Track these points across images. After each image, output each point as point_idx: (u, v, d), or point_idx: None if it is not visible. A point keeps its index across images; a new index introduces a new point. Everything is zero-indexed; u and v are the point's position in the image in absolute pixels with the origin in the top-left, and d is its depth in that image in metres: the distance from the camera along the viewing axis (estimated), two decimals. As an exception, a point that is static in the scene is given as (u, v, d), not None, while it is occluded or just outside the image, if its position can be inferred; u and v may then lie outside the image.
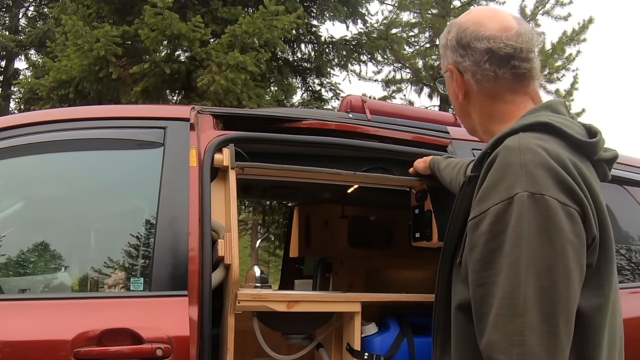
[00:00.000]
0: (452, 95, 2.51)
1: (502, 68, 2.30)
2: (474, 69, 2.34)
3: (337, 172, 3.99)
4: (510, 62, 2.29)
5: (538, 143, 2.03)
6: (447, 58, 2.44)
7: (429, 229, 4.08)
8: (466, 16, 2.44)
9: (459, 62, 2.37)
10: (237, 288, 3.47)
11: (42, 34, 17.72)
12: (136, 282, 3.43)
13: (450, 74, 2.43)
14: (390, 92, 21.23)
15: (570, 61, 20.03)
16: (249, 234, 25.76)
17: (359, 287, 6.14)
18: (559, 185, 1.95)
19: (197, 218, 3.44)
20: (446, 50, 2.44)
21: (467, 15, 2.45)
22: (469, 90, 2.40)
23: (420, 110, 5.69)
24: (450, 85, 2.48)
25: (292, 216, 6.68)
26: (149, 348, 3.11)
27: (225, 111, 4.05)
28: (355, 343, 3.88)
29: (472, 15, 2.43)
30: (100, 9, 12.65)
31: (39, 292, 3.68)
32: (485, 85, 2.35)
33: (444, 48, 2.46)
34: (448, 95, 2.55)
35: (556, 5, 20.27)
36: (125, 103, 11.16)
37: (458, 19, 2.44)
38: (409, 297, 4.02)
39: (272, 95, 13.17)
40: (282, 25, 11.34)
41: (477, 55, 2.31)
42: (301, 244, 6.44)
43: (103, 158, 3.89)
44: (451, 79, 2.44)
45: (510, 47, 2.28)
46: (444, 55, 2.46)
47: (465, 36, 2.34)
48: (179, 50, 12.05)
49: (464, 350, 2.15)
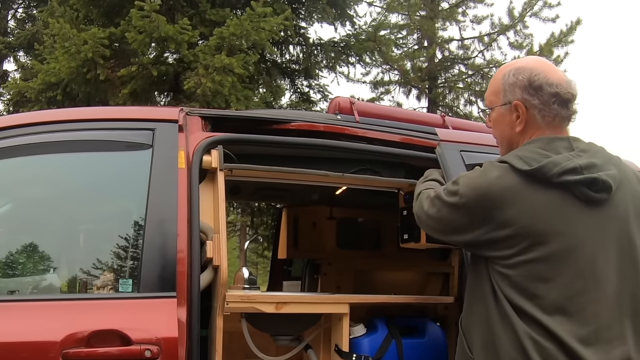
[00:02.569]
0: (505, 124, 3.07)
1: (563, 108, 2.96)
2: (541, 107, 2.93)
3: (325, 173, 4.00)
4: (569, 105, 2.98)
5: (491, 167, 2.92)
6: (515, 94, 2.98)
7: (416, 230, 4.09)
8: (531, 62, 3.04)
9: (528, 99, 2.95)
10: (225, 289, 3.48)
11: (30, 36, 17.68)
12: (125, 284, 3.43)
13: (514, 108, 2.99)
14: (379, 93, 21.27)
15: (558, 63, 20.06)
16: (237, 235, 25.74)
17: (347, 289, 6.14)
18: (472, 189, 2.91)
19: (186, 220, 3.44)
20: (514, 87, 2.98)
21: (531, 61, 3.06)
22: (529, 123, 2.97)
23: (408, 112, 5.71)
24: (508, 117, 3.04)
25: (280, 218, 6.69)
26: (138, 349, 3.11)
27: (214, 113, 4.05)
28: (343, 344, 3.89)
29: (537, 62, 3.04)
30: (88, 11, 12.64)
31: (28, 293, 3.67)
32: (545, 120, 2.96)
33: (511, 86, 2.99)
34: (493, 122, 3.16)
35: (544, 7, 20.35)
36: (113, 105, 11.14)
37: (525, 64, 3.02)
38: (397, 299, 4.04)
39: (261, 97, 13.15)
40: (270, 27, 11.34)
41: (547, 97, 2.93)
42: (289, 246, 6.45)
43: (92, 160, 3.88)
44: (511, 112, 3.01)
45: (570, 94, 2.96)
46: (510, 91, 3.00)
47: (537, 80, 2.93)
48: (166, 53, 12.03)
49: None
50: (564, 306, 2.72)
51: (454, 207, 2.96)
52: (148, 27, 10.80)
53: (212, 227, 3.61)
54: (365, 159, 4.16)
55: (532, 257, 2.74)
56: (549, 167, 2.76)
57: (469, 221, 2.91)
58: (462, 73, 21.31)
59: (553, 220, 2.75)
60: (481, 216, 2.85)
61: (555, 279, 2.73)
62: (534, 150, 2.86)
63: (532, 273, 2.75)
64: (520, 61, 3.10)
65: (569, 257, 2.74)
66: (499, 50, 20.85)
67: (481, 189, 2.86)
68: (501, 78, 3.04)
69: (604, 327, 2.73)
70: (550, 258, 2.73)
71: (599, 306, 2.73)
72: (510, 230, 2.77)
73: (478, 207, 2.86)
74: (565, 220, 2.76)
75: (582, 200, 2.78)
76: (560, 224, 2.75)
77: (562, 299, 2.72)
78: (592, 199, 2.78)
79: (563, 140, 2.92)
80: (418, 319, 4.26)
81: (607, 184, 2.78)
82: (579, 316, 2.71)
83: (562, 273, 2.73)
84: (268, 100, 13.32)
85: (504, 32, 20.63)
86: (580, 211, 2.77)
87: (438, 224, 3.13)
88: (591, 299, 2.73)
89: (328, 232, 6.27)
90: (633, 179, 2.97)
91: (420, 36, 21.52)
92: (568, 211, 2.77)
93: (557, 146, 2.88)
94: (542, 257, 2.74)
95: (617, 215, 2.83)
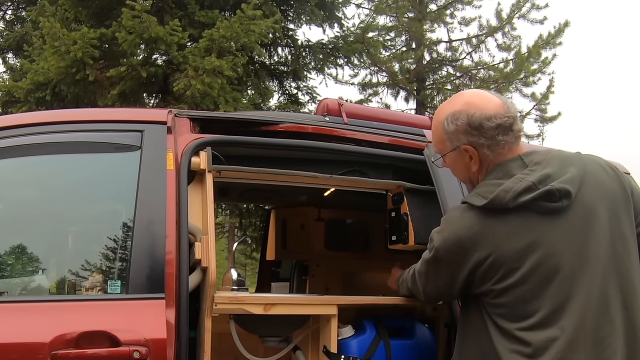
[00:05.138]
0: (461, 167, 3.16)
1: (508, 134, 3.01)
2: (488, 143, 3.00)
3: (313, 175, 4.02)
4: (513, 128, 3.02)
5: (454, 213, 3.07)
6: (459, 140, 3.05)
7: (405, 231, 4.11)
8: (463, 103, 3.07)
9: (473, 140, 3.01)
10: (214, 291, 3.48)
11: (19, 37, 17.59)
12: (113, 285, 3.44)
13: (464, 152, 3.06)
14: (367, 95, 21.34)
15: (546, 64, 20.20)
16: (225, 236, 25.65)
17: (335, 290, 6.15)
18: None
19: (175, 221, 3.45)
20: (457, 134, 3.04)
21: (463, 102, 3.09)
22: (483, 160, 3.05)
23: (396, 113, 5.71)
24: (461, 160, 3.12)
25: (268, 219, 6.68)
26: (127, 350, 3.12)
27: (203, 114, 4.05)
28: (331, 346, 3.89)
29: (468, 100, 3.08)
30: (78, 12, 12.59)
31: (17, 294, 3.68)
32: (496, 152, 3.02)
33: (454, 133, 3.06)
34: (450, 166, 3.26)
35: (532, 9, 20.45)
36: (102, 106, 11.10)
37: (457, 107, 3.06)
38: (386, 300, 4.03)
39: (249, 99, 13.14)
40: (259, 29, 11.33)
41: (490, 132, 2.98)
42: (278, 247, 6.44)
43: (80, 161, 3.88)
44: (462, 155, 3.08)
45: (510, 119, 3.01)
46: (454, 138, 3.07)
47: (475, 119, 2.98)
48: (156, 54, 12.01)
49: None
50: (552, 319, 2.78)
51: (435, 261, 3.09)
52: (138, 28, 10.77)
53: (201, 228, 3.61)
54: (354, 161, 4.18)
55: (512, 282, 2.83)
56: (502, 195, 2.86)
57: (452, 269, 3.01)
58: (450, 75, 21.38)
59: (520, 242, 2.84)
60: (459, 261, 2.95)
61: (539, 296, 2.81)
62: (489, 184, 2.97)
63: (517, 297, 2.83)
64: (452, 103, 3.15)
65: (547, 271, 2.81)
66: (487, 52, 20.98)
67: (450, 238, 2.98)
68: (441, 127, 3.12)
69: (592, 328, 2.77)
70: (528, 278, 2.82)
71: (586, 308, 2.78)
72: (486, 265, 2.86)
73: (454, 254, 2.97)
74: (532, 238, 2.83)
75: (545, 213, 2.85)
76: (528, 243, 2.83)
77: (549, 314, 2.79)
78: (553, 209, 2.85)
79: (515, 161, 3.02)
80: (406, 320, 4.26)
81: (564, 191, 2.85)
82: (568, 323, 2.76)
83: (545, 289, 2.81)
84: (256, 101, 13.31)
85: (492, 33, 20.71)
86: (546, 225, 2.85)
87: (434, 289, 3.28)
88: (577, 302, 2.78)
89: (316, 234, 6.27)
90: (596, 169, 3.02)
91: (408, 38, 21.57)
92: (533, 229, 2.85)
93: (511, 168, 2.99)
94: (521, 279, 2.82)
95: (587, 212, 2.89)
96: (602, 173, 3.01)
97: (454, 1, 21.34)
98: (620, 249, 2.90)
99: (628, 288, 2.88)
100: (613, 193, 2.97)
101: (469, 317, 3.07)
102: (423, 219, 4.09)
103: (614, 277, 2.86)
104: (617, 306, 2.83)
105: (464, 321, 3.14)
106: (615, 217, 2.93)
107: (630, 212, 2.99)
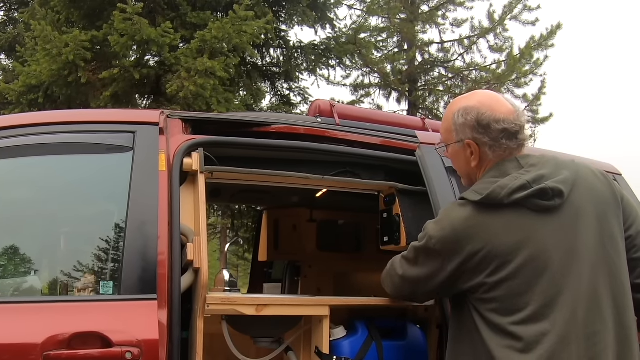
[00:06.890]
0: (461, 160, 3.27)
1: (512, 141, 3.11)
2: (491, 143, 3.11)
3: (305, 176, 4.02)
4: (518, 136, 3.12)
5: (452, 207, 3.14)
6: (465, 134, 3.16)
7: (397, 232, 4.12)
8: (477, 101, 3.18)
9: (478, 137, 3.12)
10: (206, 292, 3.49)
11: (12, 38, 17.52)
12: (106, 286, 3.44)
13: (467, 146, 3.17)
14: (359, 96, 21.30)
15: (538, 66, 20.20)
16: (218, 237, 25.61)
17: (327, 291, 6.16)
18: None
19: (167, 222, 3.46)
20: (465, 127, 3.15)
21: (477, 99, 3.19)
22: (483, 158, 3.16)
23: (388, 114, 5.75)
24: (463, 153, 3.23)
25: (261, 220, 6.68)
26: (119, 351, 3.12)
27: (195, 116, 4.06)
28: (323, 346, 3.90)
29: (483, 99, 3.18)
30: (70, 14, 12.56)
31: (9, 295, 3.67)
32: (497, 153, 3.13)
33: (462, 126, 3.17)
34: (451, 157, 3.36)
35: (524, 10, 20.43)
36: (94, 108, 11.10)
37: (472, 104, 3.17)
38: (378, 301, 4.04)
39: (241, 100, 13.11)
40: (251, 30, 11.32)
41: (495, 133, 3.08)
42: (270, 248, 6.45)
43: (72, 162, 3.88)
44: (465, 149, 3.20)
45: (518, 126, 3.11)
46: (461, 131, 3.18)
47: (485, 119, 3.09)
48: (148, 55, 11.99)
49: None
50: (544, 313, 2.82)
51: (427, 249, 3.14)
52: (130, 30, 10.75)
53: (193, 229, 3.62)
54: (346, 162, 4.19)
55: (504, 275, 2.89)
56: (497, 191, 2.95)
57: (442, 259, 3.06)
58: (442, 76, 21.37)
59: (513, 237, 2.92)
60: (452, 251, 3.01)
61: (530, 290, 2.86)
62: (486, 181, 3.06)
63: (509, 291, 2.88)
64: (468, 98, 3.26)
65: (537, 266, 2.89)
66: (479, 54, 20.96)
67: (446, 228, 3.04)
68: (452, 118, 3.23)
69: (583, 324, 2.83)
70: (520, 272, 2.88)
71: (576, 303, 2.84)
72: (479, 257, 2.92)
73: (448, 243, 3.02)
74: (525, 234, 2.92)
75: (537, 211, 2.95)
76: (520, 238, 2.92)
77: (540, 308, 2.83)
78: (546, 207, 2.95)
79: (512, 162, 3.12)
80: (398, 321, 4.27)
81: (557, 190, 2.95)
82: (559, 317, 2.81)
83: (536, 283, 2.86)
84: (249, 103, 13.29)
85: (484, 35, 20.70)
86: (538, 222, 2.94)
87: (415, 276, 3.29)
88: (568, 297, 2.84)
89: (308, 235, 6.28)
90: (588, 174, 3.11)
91: (400, 39, 21.56)
92: (526, 225, 2.94)
93: (507, 168, 3.09)
94: (513, 273, 2.88)
95: (578, 212, 2.97)
96: (594, 178, 3.11)
97: (446, 2, 21.32)
98: (610, 249, 2.97)
99: (618, 287, 2.95)
100: (603, 197, 3.06)
101: (460, 317, 3.11)
102: (415, 220, 4.10)
103: (604, 275, 2.92)
104: (607, 304, 2.90)
105: (456, 321, 3.18)
106: (605, 219, 3.01)
107: (619, 217, 3.07)
